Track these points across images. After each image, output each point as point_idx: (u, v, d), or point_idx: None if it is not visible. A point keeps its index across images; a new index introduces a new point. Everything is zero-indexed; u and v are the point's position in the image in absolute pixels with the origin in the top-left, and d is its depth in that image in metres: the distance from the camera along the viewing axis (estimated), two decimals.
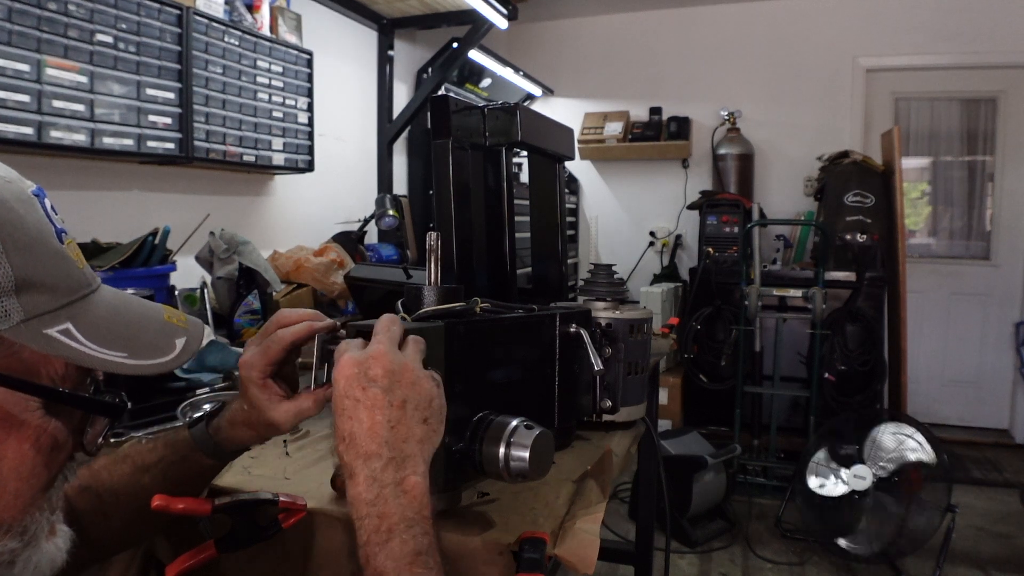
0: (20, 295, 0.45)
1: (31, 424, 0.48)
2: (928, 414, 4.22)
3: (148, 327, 0.56)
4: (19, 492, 0.48)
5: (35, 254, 0.46)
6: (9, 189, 0.47)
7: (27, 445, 0.47)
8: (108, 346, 0.50)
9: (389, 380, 0.58)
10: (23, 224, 0.46)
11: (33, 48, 1.68)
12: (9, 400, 0.46)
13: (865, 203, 3.75)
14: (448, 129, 1.06)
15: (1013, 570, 2.73)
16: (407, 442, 0.58)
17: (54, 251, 0.49)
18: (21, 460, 0.47)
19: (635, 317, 1.10)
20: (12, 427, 0.47)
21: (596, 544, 0.74)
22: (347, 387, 0.58)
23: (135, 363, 0.51)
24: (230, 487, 0.87)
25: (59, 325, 0.47)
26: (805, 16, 4.46)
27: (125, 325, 0.53)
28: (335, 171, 3.23)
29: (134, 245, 1.76)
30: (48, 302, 0.47)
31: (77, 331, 0.48)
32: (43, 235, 0.48)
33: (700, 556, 2.83)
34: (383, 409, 0.57)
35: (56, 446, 0.50)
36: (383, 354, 0.59)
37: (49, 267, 0.48)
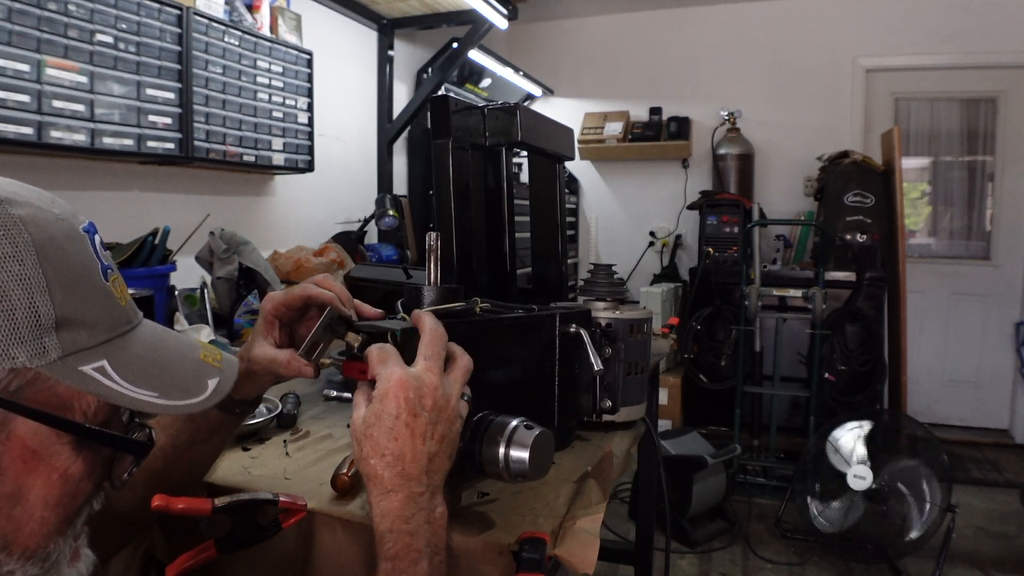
0: (60, 332, 0.46)
1: (60, 457, 0.49)
2: (928, 414, 4.22)
3: (182, 366, 0.57)
4: (44, 520, 0.49)
5: (78, 292, 0.48)
6: (60, 227, 0.49)
7: (55, 477, 0.49)
8: (140, 385, 0.51)
9: (436, 414, 0.62)
10: (68, 262, 0.48)
11: (33, 48, 1.68)
12: (41, 433, 0.48)
13: (865, 203, 3.75)
14: (448, 129, 1.06)
15: (1013, 570, 2.73)
16: (439, 474, 0.62)
17: (97, 288, 0.50)
18: (48, 491, 0.48)
19: (635, 317, 1.10)
20: (42, 460, 0.48)
21: (596, 544, 0.74)
22: (399, 409, 0.60)
23: (165, 403, 0.52)
24: (230, 487, 0.87)
25: (95, 363, 0.48)
26: (805, 16, 4.46)
27: (159, 365, 0.54)
28: (335, 171, 3.23)
29: (134, 245, 1.76)
30: (86, 339, 0.48)
31: (112, 369, 0.49)
32: (87, 272, 0.50)
33: (700, 556, 2.83)
34: (427, 440, 0.61)
35: (83, 478, 0.51)
36: (436, 387, 0.62)
37: (90, 305, 0.49)
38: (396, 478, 0.59)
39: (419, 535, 0.58)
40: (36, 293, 0.45)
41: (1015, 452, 4.12)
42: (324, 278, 0.78)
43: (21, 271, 0.44)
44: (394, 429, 0.60)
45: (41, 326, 0.45)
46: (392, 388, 0.60)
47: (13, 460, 0.47)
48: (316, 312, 0.77)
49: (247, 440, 1.07)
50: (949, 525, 2.61)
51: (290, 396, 1.22)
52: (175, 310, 1.85)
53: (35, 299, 0.45)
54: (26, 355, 0.45)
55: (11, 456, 0.47)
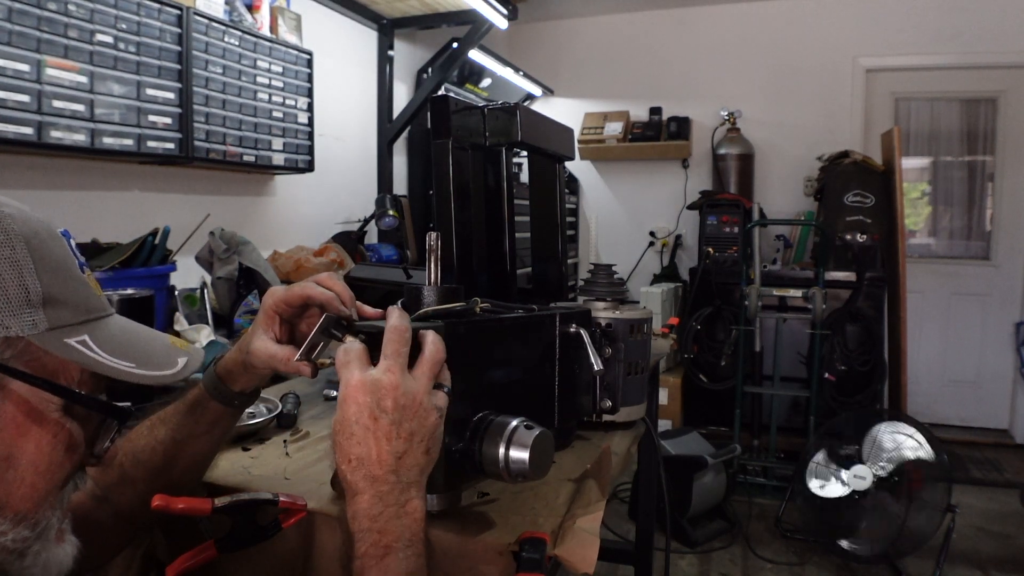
0: (46, 308, 0.52)
1: (50, 423, 0.54)
2: (928, 414, 4.22)
3: (154, 346, 0.63)
4: (35, 486, 0.53)
5: (61, 276, 0.54)
6: (42, 225, 0.55)
7: (44, 442, 0.53)
8: (119, 356, 0.56)
9: (399, 413, 0.61)
10: (52, 252, 0.54)
11: (33, 48, 1.68)
12: (33, 398, 0.53)
13: (865, 203, 3.75)
14: (448, 129, 1.06)
15: (1013, 570, 2.73)
16: (413, 470, 0.62)
17: (76, 277, 0.57)
18: (39, 457, 0.53)
19: (635, 317, 1.10)
20: (33, 424, 0.53)
21: (596, 544, 0.74)
22: (358, 413, 0.61)
23: (142, 372, 0.57)
24: (230, 487, 0.87)
25: (78, 336, 0.54)
26: (805, 16, 4.46)
27: (134, 343, 0.60)
28: (335, 171, 3.23)
29: (134, 245, 1.76)
30: (69, 317, 0.54)
31: (92, 342, 0.55)
32: (68, 263, 0.56)
33: (700, 556, 2.83)
34: (392, 440, 0.61)
35: (71, 446, 0.55)
36: (395, 386, 0.62)
37: (71, 289, 0.55)
38: (361, 481, 0.60)
39: (388, 531, 0.59)
40: (26, 274, 0.51)
41: (1015, 452, 4.12)
42: (327, 276, 0.78)
43: (12, 255, 0.50)
44: (355, 434, 0.60)
45: (31, 302, 0.51)
46: (349, 393, 0.61)
47: (7, 423, 0.51)
48: (317, 311, 0.77)
49: (247, 440, 1.07)
50: (949, 525, 2.61)
51: (290, 396, 1.22)
52: (175, 310, 1.85)
53: (25, 279, 0.51)
54: (18, 326, 0.50)
55: (5, 419, 0.51)
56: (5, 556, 0.52)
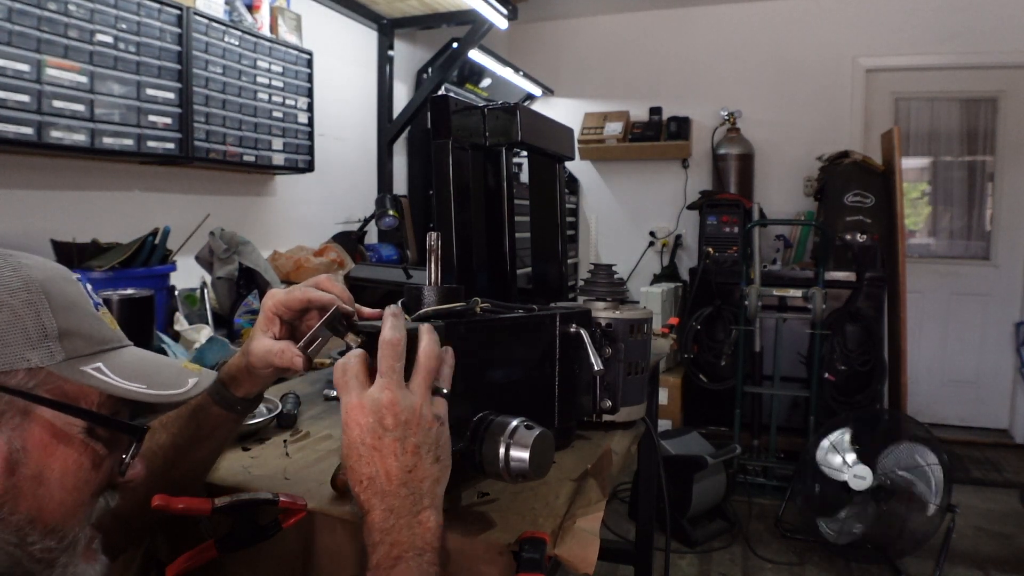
0: (62, 340, 0.57)
1: (74, 443, 0.58)
2: (928, 414, 4.22)
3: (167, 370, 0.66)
4: (63, 501, 0.57)
5: (75, 313, 0.59)
6: (58, 271, 0.61)
7: (70, 461, 0.58)
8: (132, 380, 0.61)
9: (403, 429, 0.62)
10: (66, 293, 0.60)
11: (33, 48, 1.68)
12: (57, 422, 0.57)
13: (865, 203, 3.76)
14: (448, 129, 1.06)
15: (1013, 570, 2.73)
16: (424, 482, 0.63)
17: (90, 313, 0.62)
18: (66, 472, 0.57)
19: (635, 317, 1.10)
20: (59, 445, 0.57)
21: (596, 544, 0.74)
22: (361, 435, 0.62)
23: (152, 392, 0.61)
24: (230, 487, 0.87)
25: (93, 364, 0.59)
26: (805, 16, 4.46)
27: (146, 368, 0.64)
28: (335, 171, 3.23)
29: (134, 245, 1.76)
30: (84, 347, 0.59)
31: (107, 368, 0.60)
32: (82, 302, 0.61)
33: (700, 556, 2.83)
34: (398, 456, 0.62)
35: (96, 463, 0.60)
36: (394, 403, 0.62)
37: (85, 323, 0.60)
38: (373, 498, 0.62)
39: (399, 542, 0.60)
40: (42, 312, 0.56)
41: (1015, 452, 4.12)
42: (326, 279, 0.79)
43: (29, 298, 0.56)
44: (362, 456, 0.62)
45: (48, 336, 0.56)
46: (351, 416, 0.63)
47: (35, 445, 0.56)
48: (316, 314, 0.78)
49: (247, 440, 1.07)
50: (949, 525, 2.61)
51: (290, 396, 1.22)
52: (175, 310, 1.85)
53: (41, 317, 0.56)
54: (37, 358, 0.55)
55: (33, 441, 0.56)
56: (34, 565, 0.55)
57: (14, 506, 0.54)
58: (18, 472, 0.54)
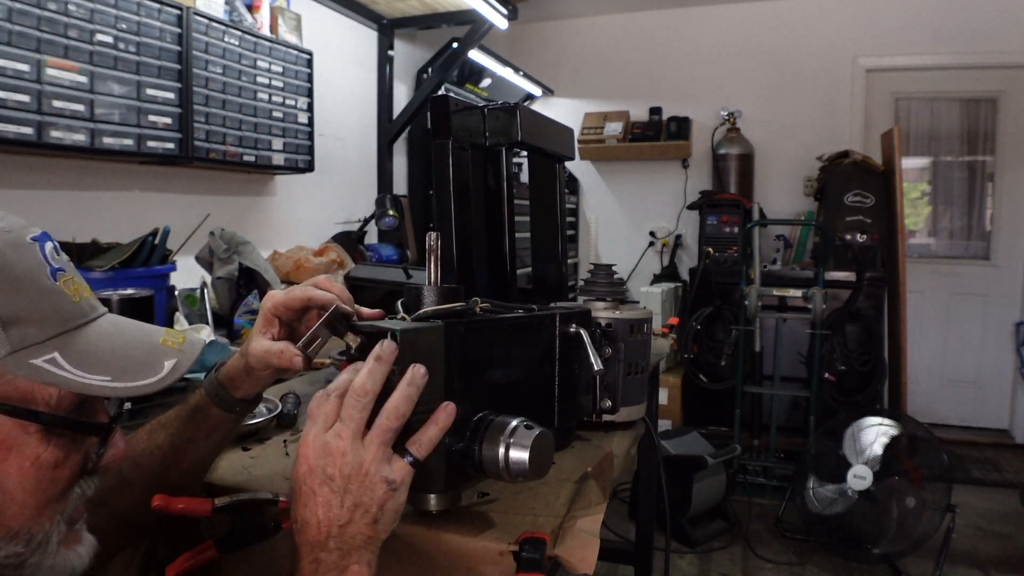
0: (7, 330, 0.50)
1: (30, 446, 0.52)
2: (928, 414, 4.22)
3: (137, 351, 0.60)
4: (25, 503, 0.53)
5: (22, 293, 0.52)
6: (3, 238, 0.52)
7: (27, 465, 0.52)
8: (92, 371, 0.54)
9: (343, 483, 0.59)
10: (11, 268, 0.51)
11: (33, 48, 1.68)
12: (7, 424, 0.51)
13: (865, 203, 3.76)
14: (448, 129, 1.06)
15: (1013, 570, 2.73)
16: (354, 538, 0.60)
17: (44, 288, 0.54)
18: (23, 478, 0.52)
19: (635, 317, 1.10)
20: (12, 449, 0.52)
21: (596, 544, 0.74)
22: (306, 475, 0.60)
23: (116, 385, 0.55)
24: (230, 487, 0.87)
25: (46, 355, 0.52)
26: (805, 16, 4.46)
27: (113, 351, 0.57)
28: (335, 171, 3.23)
29: (134, 245, 1.76)
30: (36, 335, 0.52)
31: (63, 359, 0.53)
32: (32, 275, 0.53)
33: (700, 556, 2.83)
34: (334, 509, 0.59)
35: (58, 463, 0.54)
36: (342, 453, 0.59)
37: (37, 303, 0.53)
38: (302, 545, 0.59)
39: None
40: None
41: (1015, 452, 4.12)
42: (325, 279, 0.78)
43: None
44: (303, 494, 0.60)
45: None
46: (302, 451, 0.60)
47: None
48: (316, 314, 0.77)
49: (247, 440, 1.07)
50: (949, 525, 2.61)
51: (290, 396, 1.22)
52: (175, 310, 1.85)
53: None
54: None
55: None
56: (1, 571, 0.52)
57: None
58: None
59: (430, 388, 0.70)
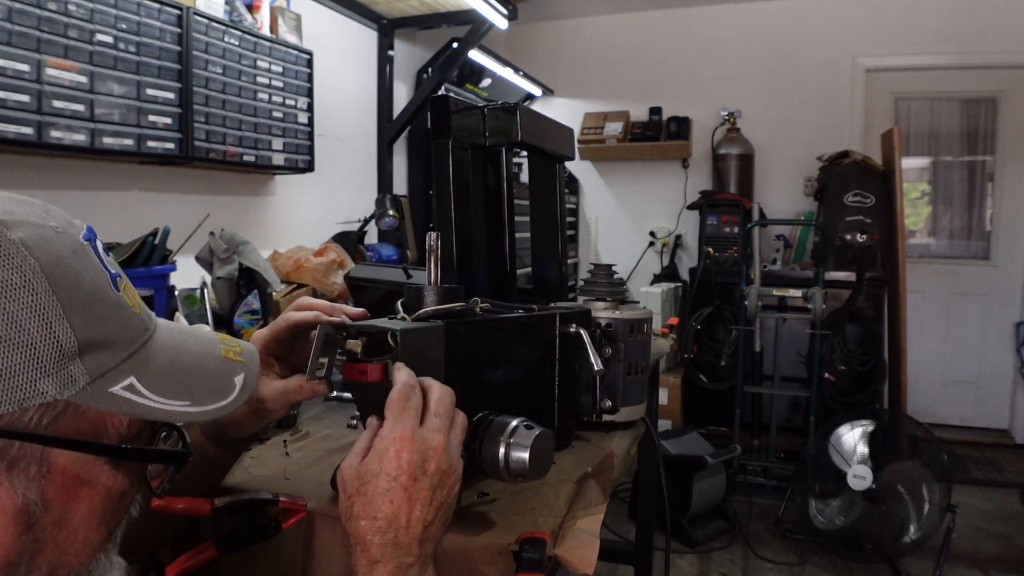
0: (83, 357, 0.45)
1: (101, 479, 0.48)
2: (928, 414, 4.22)
3: (207, 368, 0.55)
4: (88, 541, 0.49)
5: (94, 311, 0.46)
6: (62, 242, 0.46)
7: (98, 499, 0.48)
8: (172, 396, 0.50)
9: (439, 479, 0.59)
10: (80, 281, 0.45)
11: (33, 48, 1.68)
12: (79, 460, 0.47)
13: (865, 203, 3.76)
14: (448, 129, 1.07)
15: (1013, 570, 2.73)
16: (431, 543, 0.59)
17: (112, 303, 0.48)
18: (91, 513, 0.48)
19: (635, 317, 1.10)
20: (84, 485, 0.47)
21: (596, 544, 0.74)
22: (399, 471, 0.57)
23: (197, 410, 0.51)
24: (230, 487, 0.87)
25: (123, 381, 0.47)
26: (805, 16, 4.46)
27: (185, 371, 0.53)
28: (335, 171, 3.23)
29: (134, 245, 1.76)
30: (110, 359, 0.47)
31: (141, 384, 0.48)
32: (99, 288, 0.47)
33: (700, 556, 2.83)
34: (425, 507, 0.58)
35: (124, 493, 0.51)
36: (442, 450, 0.59)
37: (108, 322, 0.47)
38: (386, 546, 0.56)
39: None
40: (54, 321, 0.43)
41: (1015, 452, 4.12)
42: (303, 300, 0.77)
43: (34, 301, 0.42)
44: (391, 491, 0.56)
45: (64, 355, 0.43)
46: (395, 445, 0.58)
47: (57, 492, 0.46)
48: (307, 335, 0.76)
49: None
50: (949, 525, 2.61)
51: None
52: (175, 310, 1.84)
53: (54, 327, 0.43)
54: (55, 387, 0.43)
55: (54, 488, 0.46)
56: None
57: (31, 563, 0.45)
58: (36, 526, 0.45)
59: None
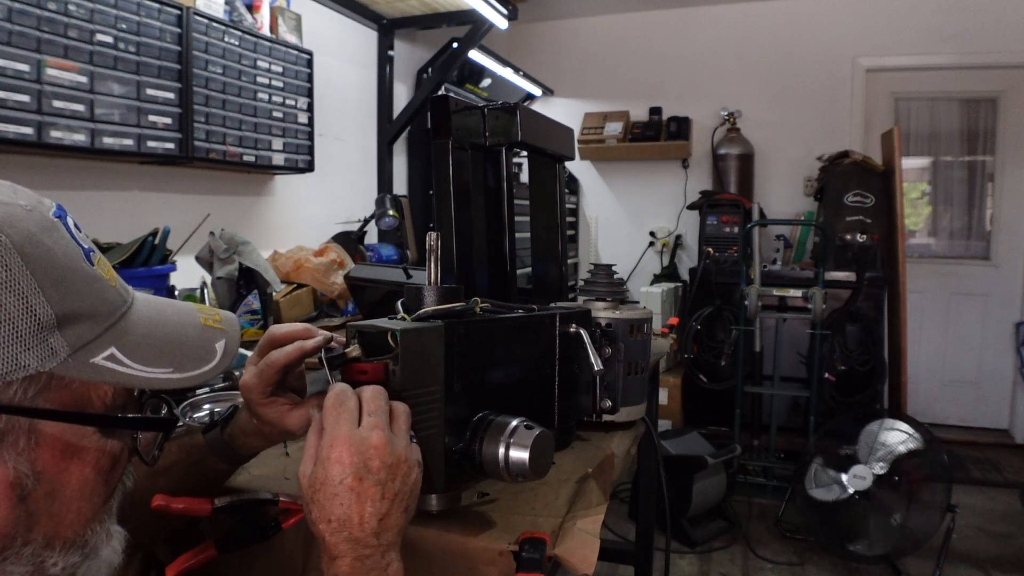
0: (63, 329, 0.46)
1: (90, 449, 0.50)
2: (928, 414, 4.22)
3: (188, 336, 0.56)
4: (81, 511, 0.50)
5: (70, 284, 0.47)
6: (32, 219, 0.47)
7: (88, 470, 0.50)
8: (154, 364, 0.51)
9: (387, 474, 0.60)
10: (52, 256, 0.46)
11: (33, 48, 1.68)
12: (68, 431, 0.48)
13: (865, 203, 3.76)
14: (448, 129, 1.06)
15: (1013, 570, 2.73)
16: (392, 531, 0.60)
17: (87, 276, 0.49)
18: (83, 483, 0.49)
19: (635, 317, 1.10)
20: (73, 456, 0.49)
21: (596, 544, 0.74)
22: (342, 474, 0.59)
23: (180, 376, 0.53)
24: (230, 487, 0.87)
25: (104, 352, 0.48)
26: (805, 16, 4.46)
27: (166, 339, 0.54)
28: (335, 171, 3.23)
29: (134, 245, 1.76)
30: (90, 330, 0.48)
31: (122, 354, 0.49)
32: (73, 262, 0.48)
33: (700, 556, 2.83)
34: (376, 502, 0.59)
35: (115, 463, 0.52)
36: (384, 445, 0.60)
37: (85, 295, 0.48)
38: (342, 543, 0.58)
39: None
40: (30, 295, 0.44)
41: (1015, 452, 4.12)
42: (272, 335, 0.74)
43: (8, 277, 0.43)
44: (339, 495, 0.58)
45: (43, 328, 0.45)
46: (335, 452, 0.59)
47: (47, 464, 0.47)
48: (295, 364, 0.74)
49: None
50: (949, 525, 2.61)
51: None
52: None
53: (30, 301, 0.44)
54: (36, 360, 0.44)
55: (44, 461, 0.47)
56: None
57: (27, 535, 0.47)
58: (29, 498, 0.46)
59: (430, 388, 0.70)
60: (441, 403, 0.70)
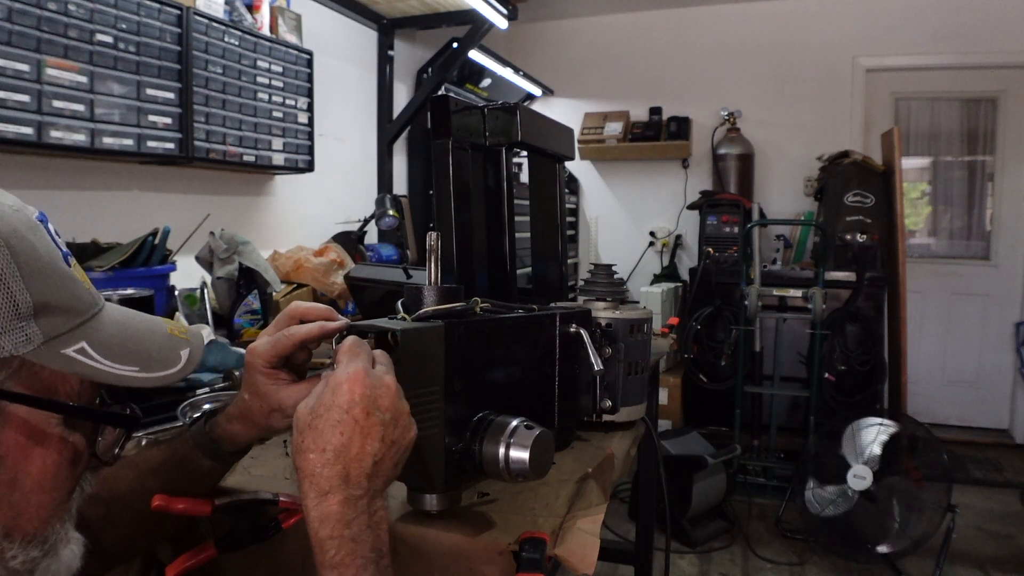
0: (38, 319, 0.48)
1: (53, 440, 0.51)
2: (928, 414, 4.22)
3: (155, 341, 0.59)
4: (42, 504, 0.51)
5: (48, 279, 0.50)
6: (18, 218, 0.50)
7: (49, 460, 0.51)
8: (122, 362, 0.53)
9: (392, 416, 0.59)
10: (35, 252, 0.49)
11: (33, 48, 1.67)
12: (33, 418, 0.50)
13: (865, 203, 3.76)
14: (448, 129, 1.06)
15: (1013, 570, 2.73)
16: (381, 479, 0.59)
17: (64, 275, 0.52)
18: (44, 475, 0.51)
19: (635, 317, 1.10)
20: (36, 444, 0.50)
21: (596, 544, 0.74)
22: (351, 403, 0.57)
23: (146, 376, 0.55)
24: (230, 487, 0.87)
25: (75, 344, 0.51)
26: (805, 16, 4.46)
27: (134, 341, 0.56)
28: (335, 171, 3.23)
29: (134, 245, 1.76)
30: (63, 323, 0.50)
31: (92, 349, 0.51)
32: (53, 260, 0.51)
33: (700, 556, 2.83)
34: (376, 441, 0.58)
35: (76, 458, 0.53)
36: (395, 389, 0.60)
37: (62, 290, 0.51)
38: (335, 478, 0.56)
39: (362, 540, 0.56)
40: (12, 283, 0.47)
41: (1015, 452, 4.12)
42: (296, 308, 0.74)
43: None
44: (342, 423, 0.56)
45: (20, 315, 0.47)
46: (348, 380, 0.58)
47: (9, 449, 0.49)
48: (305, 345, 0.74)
49: None
50: (949, 525, 2.61)
51: None
52: (175, 310, 1.84)
53: (11, 288, 0.46)
54: (11, 344, 0.47)
55: (7, 446, 0.49)
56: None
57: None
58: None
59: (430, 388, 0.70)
60: (441, 403, 0.70)
